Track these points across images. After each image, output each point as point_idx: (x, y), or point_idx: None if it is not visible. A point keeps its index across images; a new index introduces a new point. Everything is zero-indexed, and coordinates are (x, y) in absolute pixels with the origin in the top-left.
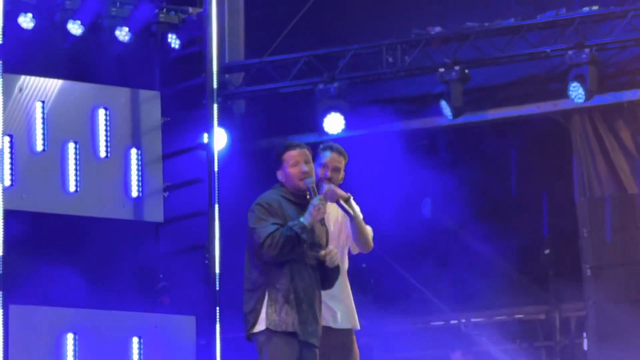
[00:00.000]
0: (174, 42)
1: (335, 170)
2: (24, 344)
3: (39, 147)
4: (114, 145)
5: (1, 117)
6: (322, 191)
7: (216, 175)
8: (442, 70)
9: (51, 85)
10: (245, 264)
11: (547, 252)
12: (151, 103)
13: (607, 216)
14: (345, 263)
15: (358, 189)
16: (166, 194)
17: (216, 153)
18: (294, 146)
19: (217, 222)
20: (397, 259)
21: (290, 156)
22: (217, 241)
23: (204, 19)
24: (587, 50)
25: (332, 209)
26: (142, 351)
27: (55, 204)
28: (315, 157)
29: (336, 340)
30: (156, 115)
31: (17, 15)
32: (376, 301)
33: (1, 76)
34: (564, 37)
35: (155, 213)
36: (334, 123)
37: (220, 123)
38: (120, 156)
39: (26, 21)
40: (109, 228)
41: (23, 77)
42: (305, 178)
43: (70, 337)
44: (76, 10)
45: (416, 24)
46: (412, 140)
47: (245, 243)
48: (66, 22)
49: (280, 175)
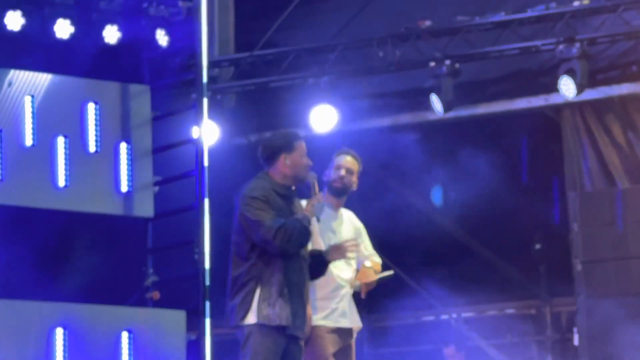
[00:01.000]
0: (164, 36)
1: (349, 172)
2: (13, 339)
3: (29, 142)
4: (104, 139)
5: None
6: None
7: (206, 169)
8: (433, 64)
9: (41, 79)
10: (233, 256)
11: (538, 247)
12: (141, 97)
13: (598, 211)
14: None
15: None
16: (156, 189)
17: (206, 147)
18: (302, 138)
19: (207, 217)
20: (387, 254)
21: (302, 146)
22: (207, 236)
23: (194, 13)
24: (578, 44)
25: (346, 218)
26: (132, 346)
27: (44, 199)
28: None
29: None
30: (146, 109)
31: (6, 10)
32: (366, 296)
33: None
34: (555, 32)
35: (145, 208)
36: (324, 117)
37: (210, 117)
38: (110, 151)
39: (15, 16)
40: (99, 222)
41: (12, 71)
42: (310, 172)
43: (59, 332)
44: (65, 4)
45: (406, 18)
46: (403, 134)
47: (233, 237)
48: (55, 17)
49: (285, 159)
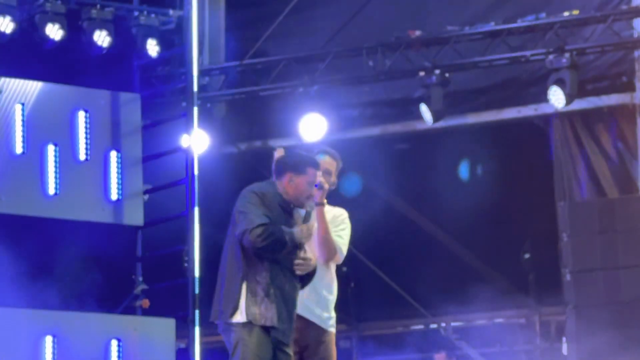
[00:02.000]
0: (154, 45)
1: (326, 172)
2: (3, 347)
3: (19, 150)
4: (94, 147)
5: None
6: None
7: (196, 178)
8: (422, 74)
9: (31, 87)
10: (226, 251)
11: (527, 257)
12: (131, 106)
13: (587, 221)
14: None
15: (338, 192)
16: (146, 197)
17: (196, 156)
18: (318, 166)
19: (197, 225)
20: (378, 263)
21: (313, 174)
22: (197, 244)
23: (184, 22)
24: (567, 54)
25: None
26: (122, 354)
27: (34, 207)
28: None
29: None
30: (136, 117)
31: None
32: (356, 305)
33: None
34: (544, 42)
35: (135, 216)
36: (314, 126)
37: (200, 126)
38: (100, 159)
39: (5, 23)
40: (89, 231)
41: (3, 79)
42: (308, 200)
43: (49, 340)
44: (56, 12)
45: (396, 28)
46: (392, 144)
47: (229, 231)
48: (46, 25)
49: (290, 180)
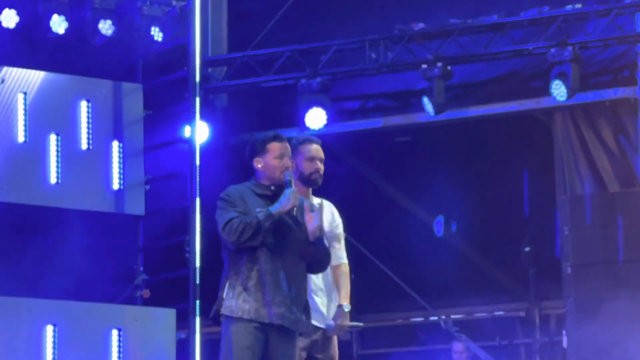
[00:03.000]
0: (157, 35)
1: (322, 162)
2: (3, 336)
3: (21, 139)
4: (96, 137)
5: None
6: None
7: (197, 168)
8: (425, 66)
9: (33, 76)
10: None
11: (528, 250)
12: (133, 96)
13: (588, 214)
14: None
15: (339, 184)
16: (147, 187)
17: (198, 146)
18: (280, 138)
19: (198, 216)
20: (378, 255)
21: (276, 147)
22: (198, 234)
23: (187, 12)
24: (570, 48)
25: (326, 211)
26: (122, 344)
27: (36, 196)
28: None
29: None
30: (138, 108)
31: (1, 8)
32: (356, 297)
33: None
34: (547, 35)
35: (136, 206)
36: (316, 118)
37: (202, 117)
38: (101, 148)
39: (9, 15)
40: (90, 220)
41: (5, 69)
42: (285, 172)
43: (49, 329)
44: (59, 2)
45: (399, 20)
46: (393, 136)
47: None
48: (49, 15)
49: (258, 163)
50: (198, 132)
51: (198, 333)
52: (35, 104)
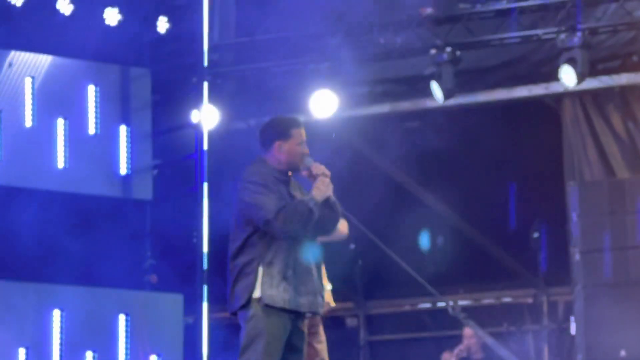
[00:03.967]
0: (165, 20)
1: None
2: (11, 320)
3: (28, 123)
4: (103, 122)
5: None
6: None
7: (205, 153)
8: (434, 51)
9: (41, 61)
10: (232, 241)
11: (536, 236)
12: (141, 80)
13: (597, 201)
14: None
15: (347, 170)
16: (155, 172)
17: (206, 131)
18: (301, 124)
19: (206, 201)
20: (386, 242)
21: (299, 133)
22: (206, 219)
23: None
24: (579, 33)
25: None
26: (129, 328)
27: (43, 180)
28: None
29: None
30: (146, 92)
31: None
32: (363, 283)
33: None
34: (556, 20)
35: (143, 190)
36: (324, 103)
37: (210, 101)
38: (109, 133)
39: None
40: (98, 205)
41: (13, 53)
42: (304, 159)
43: (57, 314)
44: None
45: (408, 5)
46: (402, 121)
47: (232, 222)
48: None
49: (280, 147)
50: (206, 117)
51: (205, 318)
52: (43, 88)
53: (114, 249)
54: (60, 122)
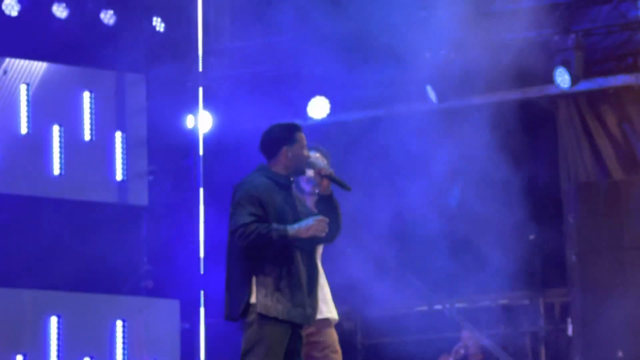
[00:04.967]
0: (160, 25)
1: None
2: (8, 326)
3: (24, 130)
4: (99, 128)
5: None
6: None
7: (201, 158)
8: (428, 55)
9: (36, 67)
10: (230, 248)
11: (532, 238)
12: (136, 86)
13: (592, 202)
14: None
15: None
16: (151, 178)
17: (201, 136)
18: (302, 129)
19: (202, 206)
20: (381, 244)
21: (302, 137)
22: (202, 225)
23: (190, 2)
24: (573, 35)
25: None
26: (126, 334)
27: (39, 187)
28: None
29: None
30: (141, 98)
31: None
32: (360, 286)
33: None
34: (550, 22)
35: (139, 196)
36: (319, 107)
37: (205, 106)
38: (104, 139)
39: (11, 4)
40: (94, 211)
41: (8, 60)
42: (307, 163)
43: (54, 320)
44: None
45: (402, 8)
46: (397, 124)
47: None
48: (51, 5)
49: (287, 152)
50: (201, 122)
51: (202, 323)
52: (38, 95)
53: (111, 255)
54: (55, 129)
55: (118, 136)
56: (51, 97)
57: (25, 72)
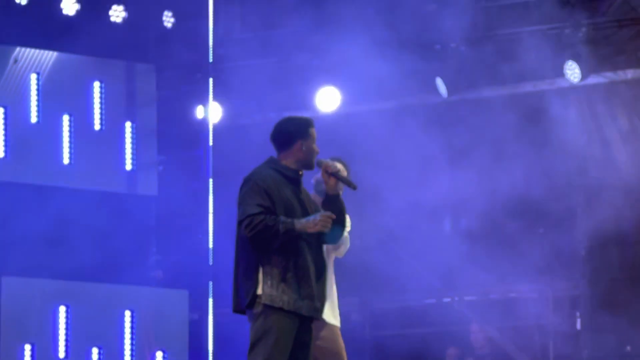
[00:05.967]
0: (170, 16)
1: None
2: (17, 316)
3: (34, 119)
4: (109, 118)
5: None
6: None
7: (210, 149)
8: (438, 47)
9: (46, 57)
10: (238, 239)
11: (542, 231)
12: (146, 76)
13: (602, 196)
14: (331, 260)
15: (352, 165)
16: (160, 168)
17: (211, 127)
18: (314, 124)
19: (211, 196)
20: (390, 236)
21: (314, 133)
22: (211, 215)
23: None
24: (584, 29)
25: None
26: (135, 324)
27: (49, 176)
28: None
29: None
30: (151, 88)
31: None
32: (368, 278)
33: None
34: (561, 16)
35: (149, 186)
36: (329, 98)
37: (215, 97)
38: (114, 129)
39: None
40: (103, 201)
41: (18, 49)
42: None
43: (62, 310)
44: None
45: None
46: (407, 116)
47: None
48: None
49: (302, 146)
50: (211, 113)
51: (211, 314)
52: (48, 85)
53: (119, 245)
54: (65, 118)
55: (128, 126)
56: (61, 87)
57: (35, 61)
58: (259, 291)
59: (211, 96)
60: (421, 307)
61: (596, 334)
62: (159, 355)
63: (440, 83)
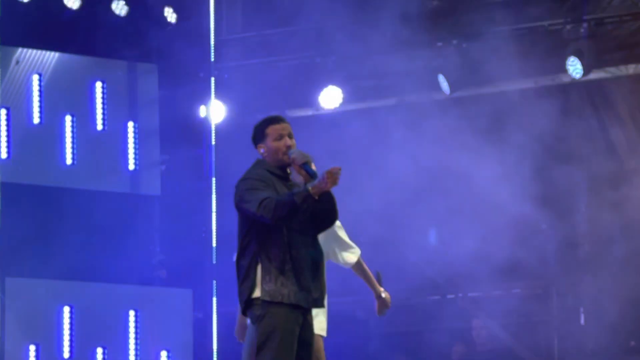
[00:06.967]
0: (171, 15)
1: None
2: (21, 317)
3: (36, 120)
4: (111, 118)
5: None
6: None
7: (213, 148)
8: (440, 44)
9: (48, 57)
10: (238, 240)
11: (545, 227)
12: (148, 76)
13: (605, 191)
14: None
15: (353, 163)
16: (163, 167)
17: (213, 126)
18: (278, 120)
19: (214, 195)
20: (394, 233)
21: (273, 129)
22: (214, 214)
23: None
24: (586, 24)
25: None
26: (139, 324)
27: (51, 177)
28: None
29: None
30: (153, 88)
31: None
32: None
33: None
34: (563, 11)
35: (152, 186)
36: (331, 97)
37: (217, 96)
38: (117, 129)
39: None
40: (106, 201)
41: (20, 50)
42: (287, 152)
43: (66, 310)
44: None
45: None
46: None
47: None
48: None
49: (261, 149)
50: (213, 112)
51: (215, 313)
52: (50, 85)
53: (123, 245)
54: (67, 119)
55: (130, 126)
56: (63, 87)
57: (37, 62)
58: (258, 293)
59: (213, 95)
60: (425, 304)
61: (600, 330)
62: (164, 354)
63: (442, 80)
